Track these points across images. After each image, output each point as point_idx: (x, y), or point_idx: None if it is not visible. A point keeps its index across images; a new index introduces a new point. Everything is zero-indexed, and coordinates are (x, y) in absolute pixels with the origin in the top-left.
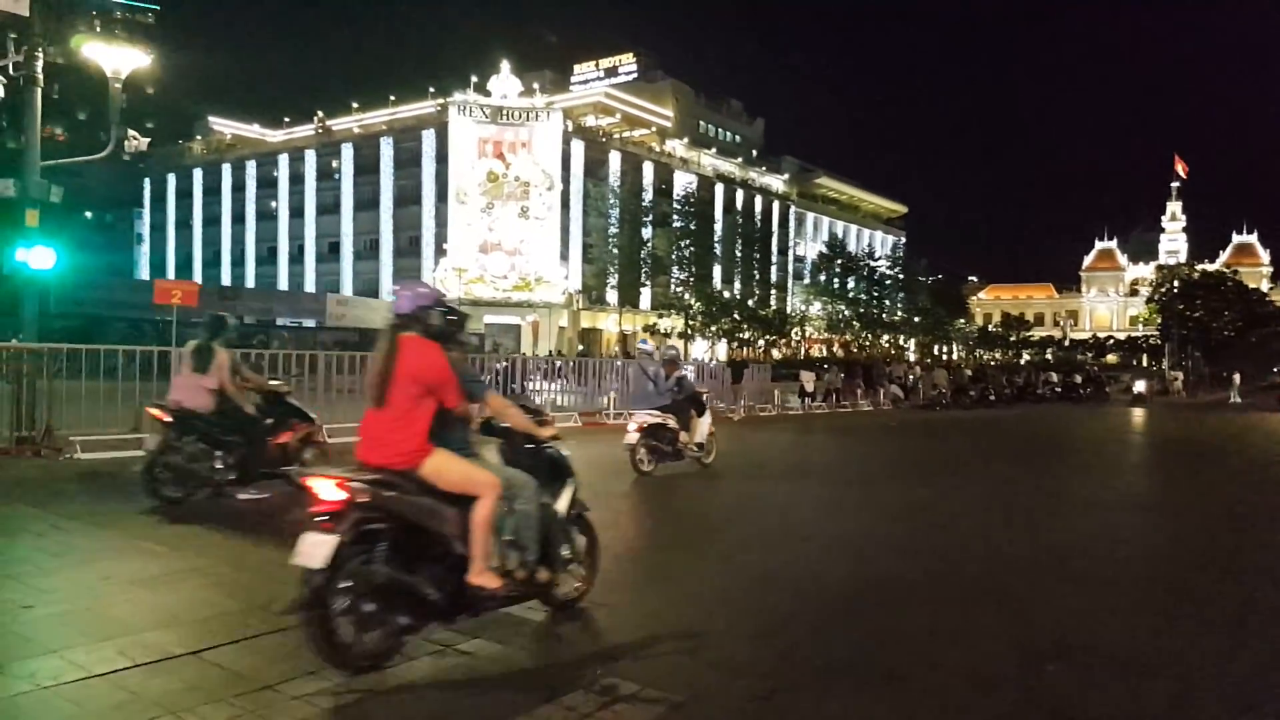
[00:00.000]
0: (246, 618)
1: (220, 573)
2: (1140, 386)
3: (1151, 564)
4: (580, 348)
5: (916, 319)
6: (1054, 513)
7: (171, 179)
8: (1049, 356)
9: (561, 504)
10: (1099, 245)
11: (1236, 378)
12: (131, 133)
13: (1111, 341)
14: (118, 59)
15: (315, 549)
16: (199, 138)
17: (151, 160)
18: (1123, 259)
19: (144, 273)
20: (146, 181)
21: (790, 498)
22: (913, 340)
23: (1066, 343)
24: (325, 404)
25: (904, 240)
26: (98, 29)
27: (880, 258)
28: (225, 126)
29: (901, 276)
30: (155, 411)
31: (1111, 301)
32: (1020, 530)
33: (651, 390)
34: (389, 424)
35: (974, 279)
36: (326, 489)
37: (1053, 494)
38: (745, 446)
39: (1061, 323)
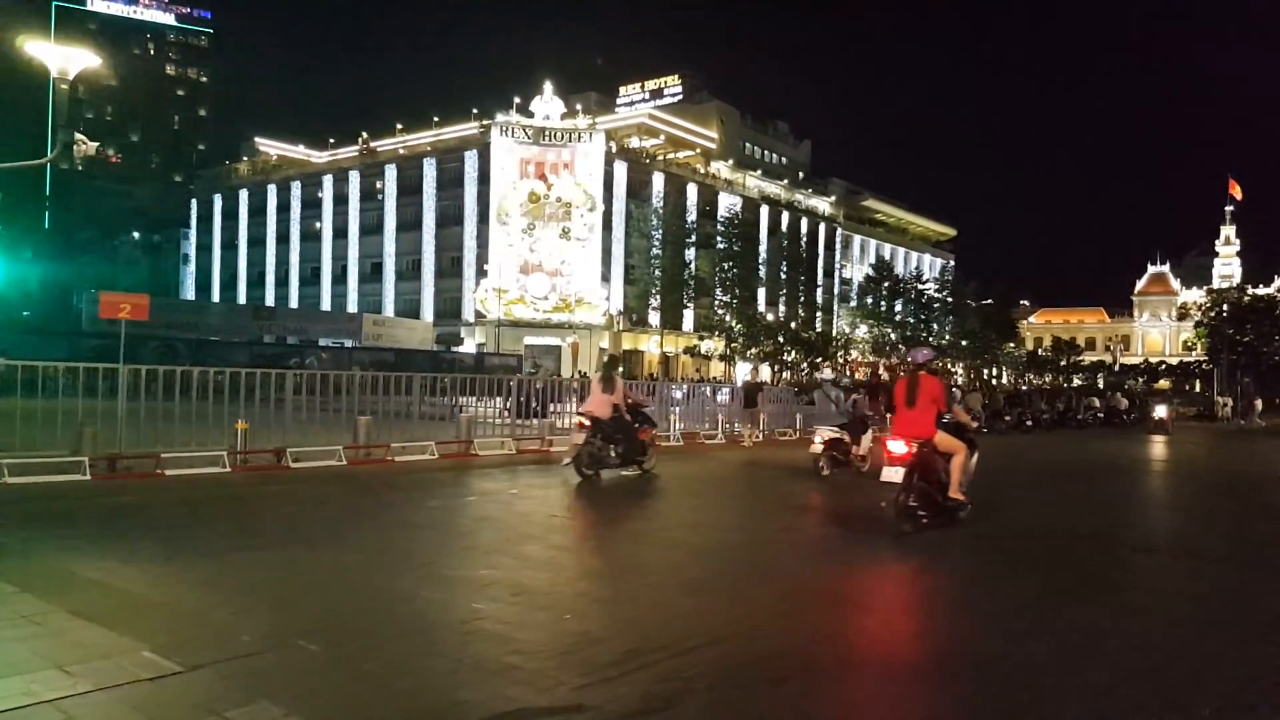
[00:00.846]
0: None
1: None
2: (1161, 411)
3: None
4: (620, 369)
5: (964, 342)
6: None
7: (218, 200)
8: (1099, 381)
9: (972, 463)
10: (1151, 269)
11: (1258, 404)
12: (79, 136)
13: (1163, 366)
14: (64, 59)
15: (895, 475)
16: (245, 159)
17: (199, 181)
18: (1175, 283)
19: (190, 292)
20: (193, 202)
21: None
22: (960, 364)
23: (1117, 367)
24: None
25: (953, 263)
26: (152, 52)
27: (928, 280)
28: (271, 147)
29: (950, 300)
30: (580, 419)
31: (1164, 326)
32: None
33: (834, 411)
34: (915, 417)
35: (1025, 303)
36: (899, 446)
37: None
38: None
39: (1112, 347)
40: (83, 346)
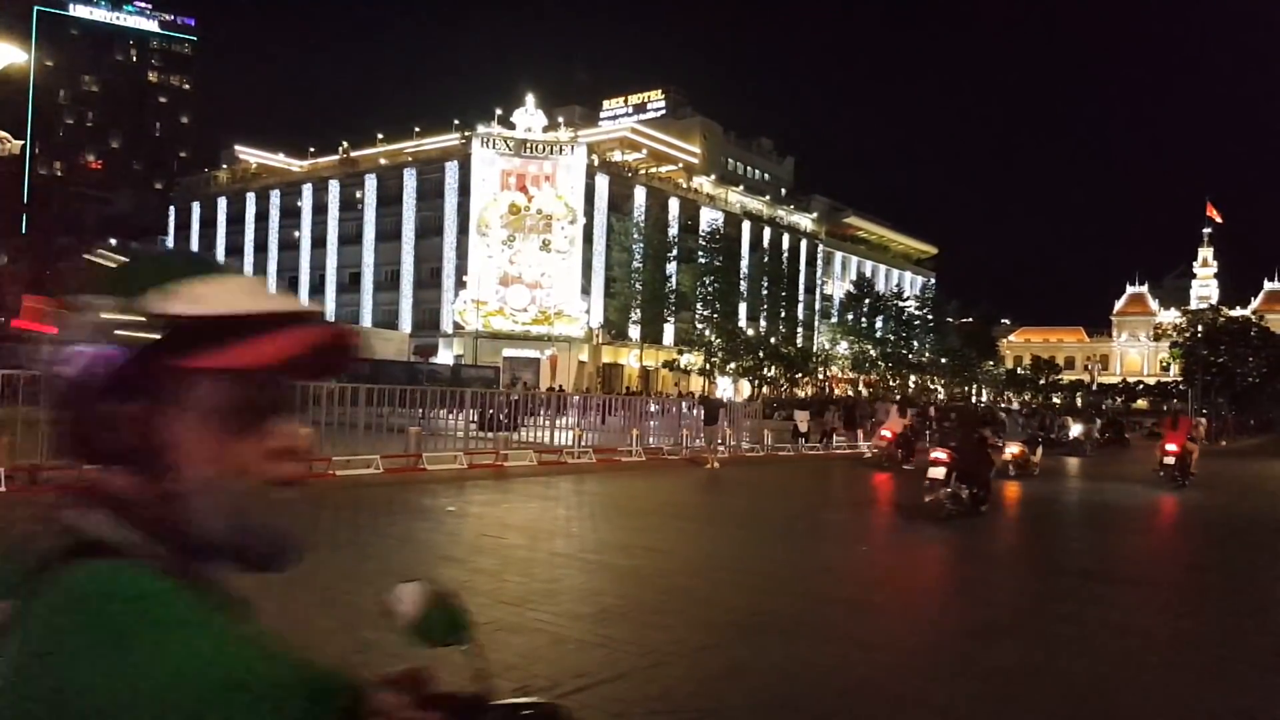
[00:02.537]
0: None
1: None
2: (1076, 431)
3: None
4: (600, 383)
5: (944, 360)
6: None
7: (196, 207)
8: (1078, 400)
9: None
10: (1130, 289)
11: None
12: (3, 134)
13: (1141, 386)
14: None
15: (940, 470)
16: (225, 167)
17: (178, 188)
18: (1154, 304)
19: None
20: (172, 210)
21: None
22: (940, 382)
23: (1095, 387)
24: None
25: (934, 281)
26: (134, 58)
27: (909, 298)
28: (251, 156)
29: (930, 318)
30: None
31: (1142, 346)
32: None
33: (1019, 429)
34: None
35: (1005, 321)
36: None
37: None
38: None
39: (1091, 367)
40: None
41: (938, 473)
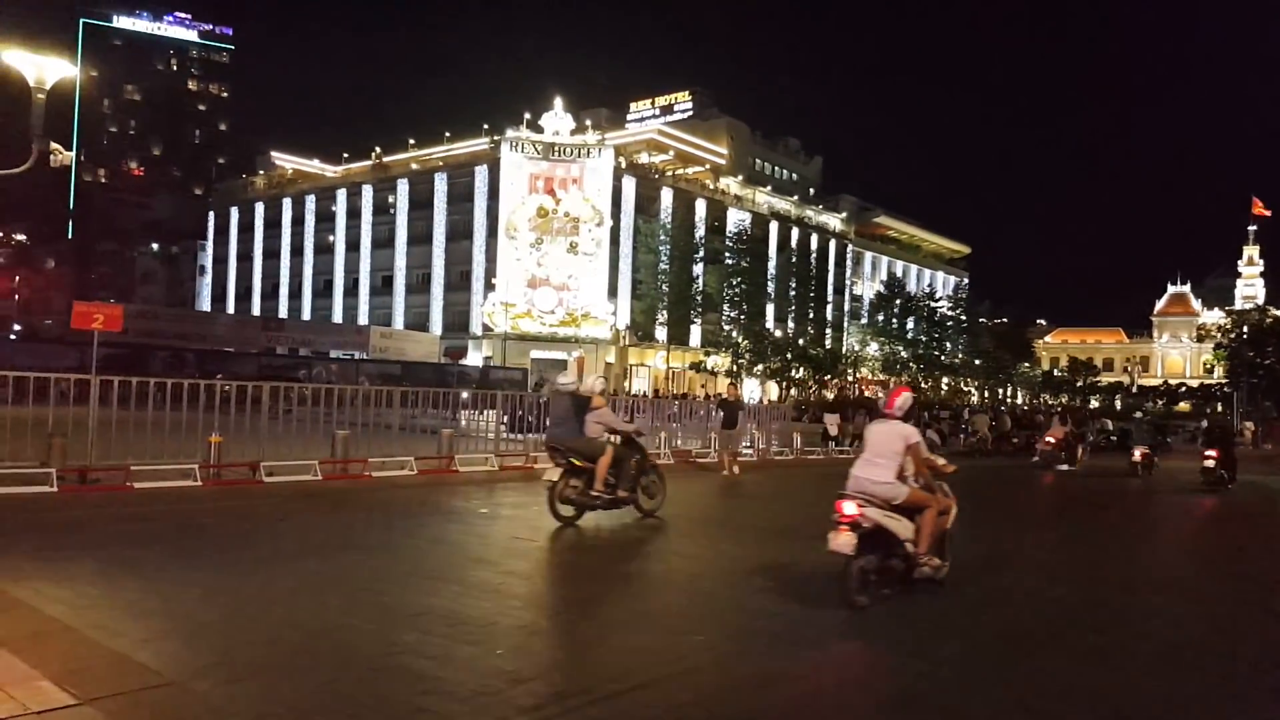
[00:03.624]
0: None
1: None
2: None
3: None
4: (626, 384)
5: (978, 361)
6: None
7: (234, 212)
8: (1116, 403)
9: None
10: (1171, 289)
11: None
12: (55, 146)
13: (1184, 389)
14: (41, 68)
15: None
16: (262, 172)
17: (216, 194)
18: (1196, 303)
19: (205, 303)
20: (211, 215)
21: None
22: (974, 384)
23: (1135, 389)
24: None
25: (967, 281)
26: (174, 67)
27: (941, 298)
28: (287, 161)
29: (963, 318)
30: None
31: (1184, 347)
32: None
33: (1145, 434)
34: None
35: (1041, 322)
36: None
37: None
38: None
39: (1130, 369)
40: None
41: (1209, 464)
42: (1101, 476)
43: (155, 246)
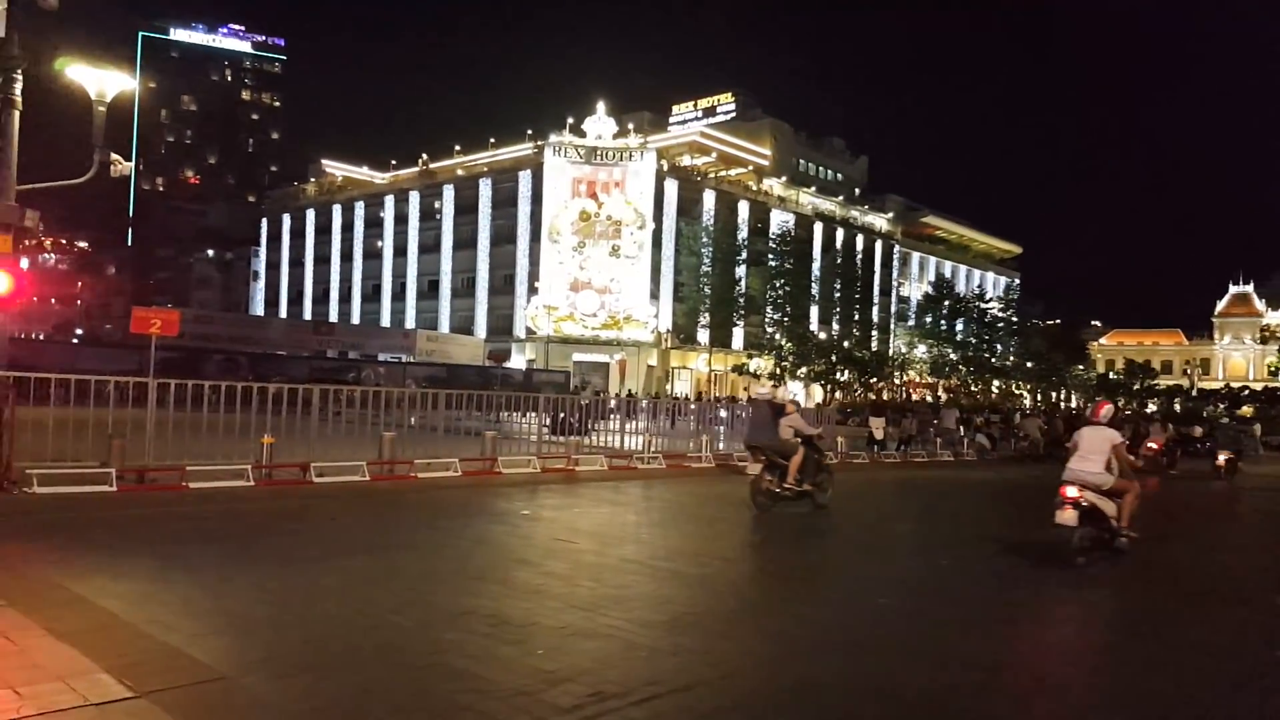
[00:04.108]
0: None
1: None
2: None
3: None
4: (669, 387)
5: (1029, 364)
6: None
7: (286, 219)
8: (1176, 407)
9: None
10: (1233, 289)
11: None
12: (115, 156)
13: (1247, 392)
14: (102, 81)
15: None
16: (313, 179)
17: (269, 201)
18: (1260, 304)
19: (259, 308)
20: (264, 221)
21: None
22: (1025, 387)
23: (1195, 392)
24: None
25: (1018, 282)
26: (229, 78)
27: (991, 299)
28: (337, 169)
29: (1014, 319)
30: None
31: (1247, 349)
32: None
33: (1242, 439)
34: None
35: (1096, 323)
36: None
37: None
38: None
39: (1190, 371)
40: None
41: None
42: (1193, 480)
43: (210, 252)
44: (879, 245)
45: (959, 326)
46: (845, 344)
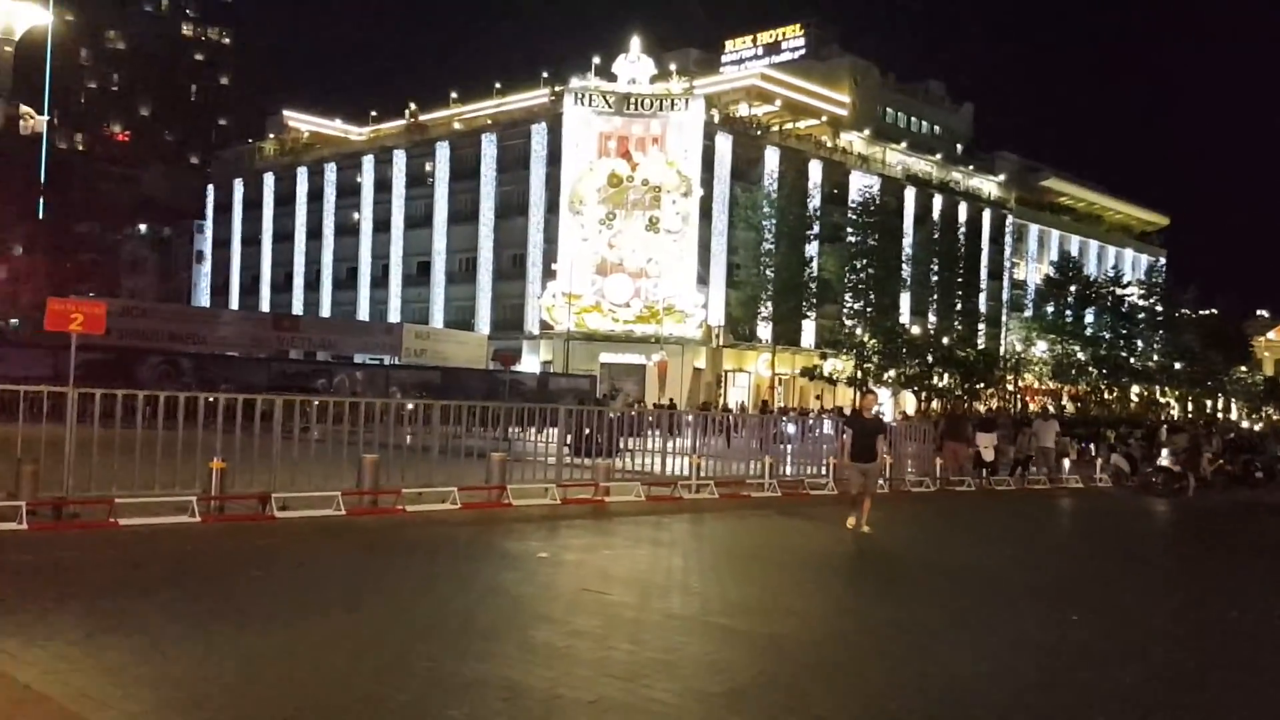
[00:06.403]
0: None
1: None
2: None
3: None
4: (720, 395)
5: (1178, 365)
6: None
7: (238, 186)
8: None
9: None
10: None
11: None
12: (25, 110)
13: None
14: (8, 15)
15: None
16: (272, 136)
17: (217, 164)
18: None
19: (204, 297)
20: (210, 189)
21: None
22: (1174, 394)
23: None
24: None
25: (1164, 262)
26: (166, 7)
27: (1130, 284)
28: (302, 122)
29: (1159, 309)
30: None
31: None
32: None
33: None
34: None
35: (1263, 314)
36: None
37: None
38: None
39: None
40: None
41: None
42: None
43: (144, 229)
44: (987, 216)
45: (1089, 318)
46: (944, 340)
